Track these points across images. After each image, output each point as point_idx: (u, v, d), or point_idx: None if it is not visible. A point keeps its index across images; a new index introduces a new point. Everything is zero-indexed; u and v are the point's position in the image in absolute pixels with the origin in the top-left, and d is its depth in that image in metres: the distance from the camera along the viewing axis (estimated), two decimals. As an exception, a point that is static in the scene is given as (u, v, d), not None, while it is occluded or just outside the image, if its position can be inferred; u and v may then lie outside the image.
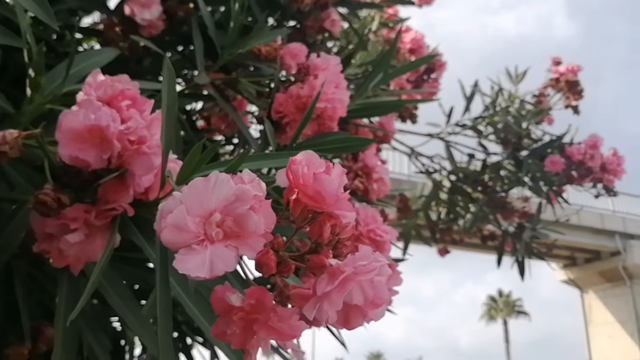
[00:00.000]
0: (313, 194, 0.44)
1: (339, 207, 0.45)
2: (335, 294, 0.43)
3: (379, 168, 0.97)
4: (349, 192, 1.01)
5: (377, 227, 0.86)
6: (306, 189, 0.44)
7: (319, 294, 0.43)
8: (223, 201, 0.43)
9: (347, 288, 0.43)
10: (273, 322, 0.48)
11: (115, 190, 0.61)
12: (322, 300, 0.43)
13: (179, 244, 0.42)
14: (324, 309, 0.43)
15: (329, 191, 0.43)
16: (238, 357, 0.59)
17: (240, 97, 1.45)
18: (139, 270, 0.89)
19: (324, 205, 0.44)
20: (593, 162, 2.28)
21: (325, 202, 0.44)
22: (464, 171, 2.61)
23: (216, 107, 1.68)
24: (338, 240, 0.47)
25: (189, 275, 0.41)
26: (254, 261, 0.43)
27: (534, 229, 2.43)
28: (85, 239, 0.60)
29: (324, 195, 0.43)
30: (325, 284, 0.43)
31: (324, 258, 0.44)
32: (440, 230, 2.83)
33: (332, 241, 0.46)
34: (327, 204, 0.44)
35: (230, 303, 0.48)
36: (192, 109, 1.88)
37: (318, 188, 0.43)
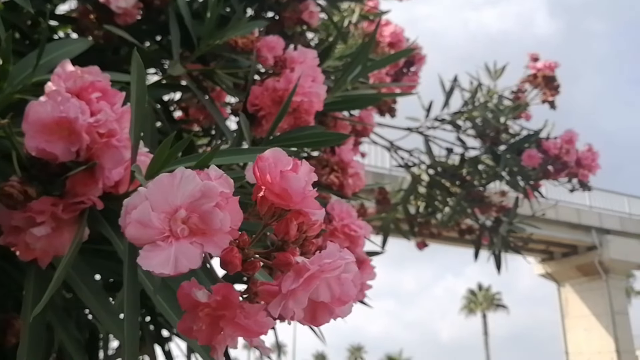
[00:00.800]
0: (279, 192, 0.44)
1: (306, 205, 0.45)
2: (300, 292, 0.43)
3: (354, 163, 0.97)
4: (325, 187, 1.01)
5: (351, 222, 0.86)
6: (273, 186, 0.44)
7: (284, 291, 0.43)
8: (188, 197, 0.43)
9: (312, 286, 0.43)
10: (239, 319, 0.48)
11: (84, 183, 0.60)
12: (287, 297, 0.43)
13: (143, 240, 0.42)
14: (288, 306, 0.43)
15: (295, 189, 0.43)
16: (207, 351, 0.59)
17: (219, 89, 1.44)
18: (111, 263, 0.88)
19: (290, 203, 0.44)
20: (569, 156, 2.31)
21: (291, 200, 0.44)
22: (443, 165, 2.63)
23: (194, 98, 1.66)
24: (305, 237, 0.47)
25: (153, 272, 0.41)
26: (220, 258, 0.43)
27: (511, 223, 2.47)
28: (52, 232, 0.59)
29: (290, 193, 0.43)
30: (290, 281, 0.43)
31: (290, 256, 0.44)
32: (419, 224, 2.85)
33: (299, 239, 0.46)
34: (293, 202, 0.44)
35: (196, 299, 0.47)
36: (169, 99, 1.86)
37: (285, 186, 0.43)
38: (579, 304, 19.57)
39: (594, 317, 18.87)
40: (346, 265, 0.45)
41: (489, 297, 46.24)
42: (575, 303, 19.76)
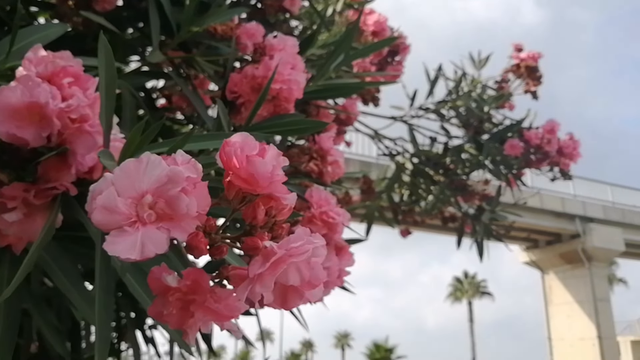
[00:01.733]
0: (246, 177, 0.44)
1: (273, 190, 0.45)
2: (267, 276, 0.43)
3: (334, 151, 0.98)
4: (304, 175, 1.02)
5: (329, 210, 0.87)
6: (239, 171, 0.44)
7: (251, 275, 0.43)
8: (155, 183, 0.43)
9: (279, 270, 0.43)
10: (210, 303, 0.49)
11: (56, 169, 0.60)
12: (254, 281, 0.44)
13: (110, 225, 0.42)
14: (256, 290, 0.43)
15: (262, 174, 0.44)
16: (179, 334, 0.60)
17: (202, 77, 1.43)
18: (89, 250, 0.88)
19: (257, 188, 0.45)
20: (550, 146, 2.34)
21: (258, 185, 0.44)
22: (426, 154, 2.64)
23: (177, 86, 1.65)
24: (274, 222, 0.48)
25: (119, 257, 0.41)
26: (186, 243, 0.43)
27: (493, 211, 2.49)
28: (25, 218, 0.59)
29: (257, 178, 0.44)
30: (258, 265, 0.44)
31: (257, 240, 0.45)
32: (403, 212, 2.87)
33: (268, 223, 0.47)
34: (260, 186, 0.44)
35: (166, 284, 0.48)
36: (153, 87, 1.85)
37: (251, 171, 0.44)
38: (562, 291, 19.89)
39: (577, 304, 19.20)
40: (314, 250, 0.46)
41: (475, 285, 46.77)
42: (558, 290, 20.07)
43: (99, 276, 0.55)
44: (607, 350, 18.06)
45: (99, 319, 0.53)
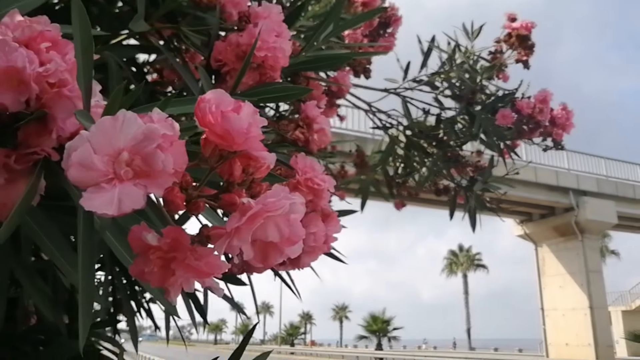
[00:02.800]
0: (221, 133, 0.44)
1: (249, 147, 0.46)
2: (244, 230, 0.44)
3: (320, 119, 0.97)
4: (290, 143, 1.02)
5: (314, 176, 0.87)
6: (214, 127, 0.44)
7: (229, 229, 0.44)
8: (131, 140, 0.43)
9: (255, 223, 0.44)
10: (190, 261, 0.49)
11: (37, 134, 0.60)
12: (231, 235, 0.44)
13: (87, 182, 0.42)
14: (233, 244, 0.44)
15: (237, 130, 0.44)
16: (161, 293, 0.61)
17: (193, 51, 1.42)
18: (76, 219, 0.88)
19: (233, 144, 0.45)
20: (542, 115, 2.34)
21: (234, 141, 0.45)
22: (420, 126, 2.64)
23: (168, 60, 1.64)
24: (252, 180, 0.48)
25: (95, 212, 0.41)
26: (162, 198, 0.43)
27: (486, 181, 2.51)
28: (7, 184, 0.59)
29: (232, 134, 0.44)
30: (235, 220, 0.44)
31: (234, 196, 0.45)
32: (397, 185, 2.88)
33: (245, 181, 0.47)
34: (236, 143, 0.45)
35: (146, 242, 0.48)
36: (143, 61, 1.83)
37: (226, 126, 0.44)
38: (555, 263, 20.15)
39: (569, 276, 19.47)
40: (292, 206, 0.46)
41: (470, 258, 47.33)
42: (551, 262, 20.33)
43: (81, 238, 0.55)
44: (598, 319, 18.40)
45: (83, 281, 0.54)
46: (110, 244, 0.60)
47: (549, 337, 20.16)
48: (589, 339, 18.35)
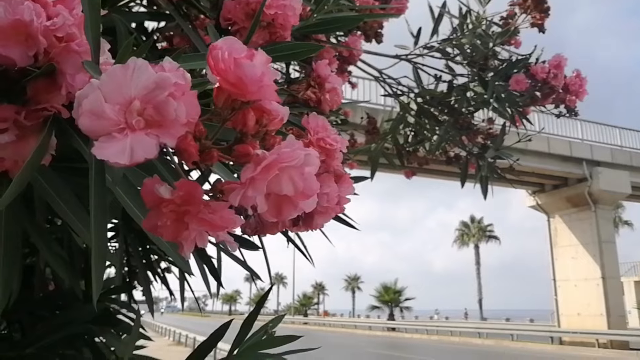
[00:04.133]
0: (234, 80, 0.43)
1: (263, 95, 0.44)
2: (259, 180, 0.43)
3: (332, 78, 0.95)
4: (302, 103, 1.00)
5: (326, 136, 0.85)
6: (227, 74, 0.43)
7: (243, 180, 0.43)
8: (142, 89, 0.42)
9: (270, 174, 0.43)
10: (204, 214, 0.49)
11: (46, 90, 0.59)
12: (246, 186, 0.43)
13: (98, 131, 0.42)
14: (248, 194, 0.43)
15: (250, 77, 0.43)
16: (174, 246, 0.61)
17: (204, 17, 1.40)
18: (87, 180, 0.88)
19: (246, 92, 0.44)
20: (556, 80, 2.29)
21: (247, 89, 0.43)
22: (431, 93, 2.60)
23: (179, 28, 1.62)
24: (266, 132, 0.47)
25: (107, 161, 0.41)
26: (175, 148, 0.43)
27: (498, 149, 2.48)
28: (18, 140, 0.59)
29: (245, 81, 0.43)
30: (250, 171, 0.43)
31: (249, 147, 0.44)
32: (407, 153, 2.86)
33: (259, 132, 0.46)
34: (249, 91, 0.43)
35: (159, 195, 0.48)
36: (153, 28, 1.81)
37: (239, 74, 0.43)
38: (568, 233, 20.09)
39: (582, 246, 19.44)
40: (307, 157, 0.45)
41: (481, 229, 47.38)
42: (564, 233, 20.28)
43: (93, 193, 0.55)
44: (610, 290, 18.42)
45: (96, 235, 0.53)
46: (122, 201, 0.60)
47: (560, 307, 20.25)
48: (601, 309, 18.41)
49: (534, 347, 20.67)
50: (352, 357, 16.01)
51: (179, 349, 16.08)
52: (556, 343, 20.68)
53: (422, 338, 27.21)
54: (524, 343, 21.86)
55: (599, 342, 18.45)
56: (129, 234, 1.54)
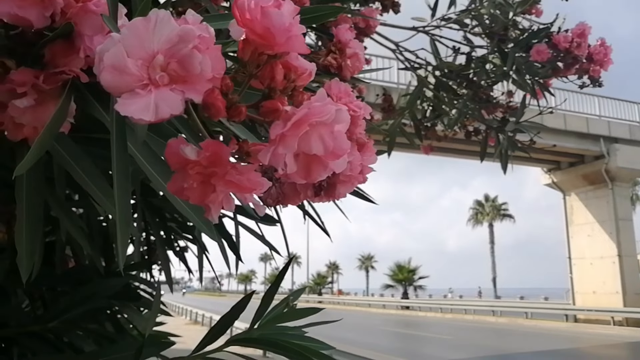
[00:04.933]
0: (262, 31, 0.41)
1: (291, 46, 0.42)
2: (290, 136, 0.41)
3: (353, 43, 0.92)
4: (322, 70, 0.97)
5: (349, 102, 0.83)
6: (254, 25, 0.41)
7: (273, 137, 0.41)
8: (165, 43, 0.40)
9: (301, 130, 0.41)
10: (231, 175, 0.47)
11: (63, 54, 0.57)
12: (276, 143, 0.41)
13: (121, 87, 0.40)
14: (278, 152, 0.41)
15: (278, 27, 0.40)
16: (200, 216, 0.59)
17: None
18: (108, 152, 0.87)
19: (274, 44, 0.41)
20: (580, 50, 2.22)
21: (275, 40, 0.41)
22: (449, 66, 2.55)
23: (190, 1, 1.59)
24: (294, 87, 0.45)
25: (132, 118, 0.39)
26: (201, 104, 0.40)
27: (518, 121, 2.43)
28: (37, 105, 0.57)
29: (273, 32, 0.40)
30: (279, 127, 0.41)
31: (277, 103, 0.42)
32: (425, 128, 2.81)
33: (287, 88, 0.44)
34: (277, 42, 0.41)
35: (185, 157, 0.46)
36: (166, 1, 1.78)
37: (266, 23, 0.40)
38: (584, 211, 19.91)
39: (598, 224, 19.26)
40: (338, 113, 0.43)
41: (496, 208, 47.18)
42: (580, 211, 20.10)
43: (115, 159, 0.53)
44: (626, 267, 18.28)
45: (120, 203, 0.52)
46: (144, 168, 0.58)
47: (575, 285, 20.17)
48: (617, 287, 18.31)
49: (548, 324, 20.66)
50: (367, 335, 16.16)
51: (196, 327, 16.35)
52: (571, 321, 20.65)
53: (436, 316, 27.35)
54: (537, 321, 21.86)
55: (614, 320, 18.38)
56: (147, 211, 1.54)
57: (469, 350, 12.60)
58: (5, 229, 0.86)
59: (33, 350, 1.16)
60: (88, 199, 1.20)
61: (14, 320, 1.14)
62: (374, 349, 11.17)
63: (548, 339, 15.13)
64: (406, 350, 12.41)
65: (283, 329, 1.09)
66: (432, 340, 15.32)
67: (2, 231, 0.84)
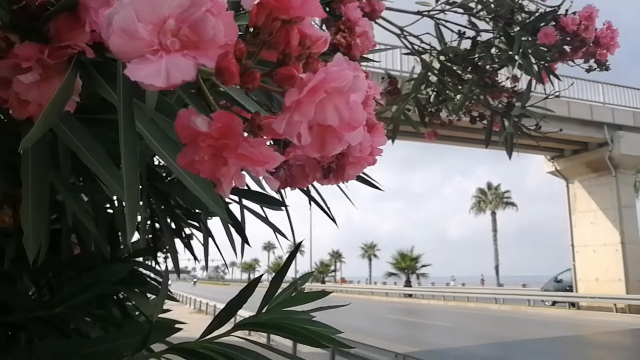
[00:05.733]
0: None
1: (307, 10, 0.40)
2: (306, 103, 0.39)
3: (362, 21, 0.90)
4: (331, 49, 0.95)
5: (359, 81, 0.82)
6: (268, -14, 0.39)
7: (288, 104, 0.40)
8: (177, 7, 0.39)
9: (317, 96, 0.39)
10: (244, 148, 0.45)
11: (69, 27, 0.56)
12: (291, 110, 0.40)
13: (130, 52, 0.38)
14: (294, 119, 0.40)
15: (293, -12, 0.39)
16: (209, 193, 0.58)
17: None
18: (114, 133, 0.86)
19: (289, 7, 0.40)
20: (587, 32, 2.19)
21: (290, 3, 0.39)
22: (454, 51, 2.52)
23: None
24: (309, 54, 0.43)
25: (142, 83, 0.37)
26: (214, 69, 0.39)
27: (524, 106, 2.40)
28: (42, 81, 0.56)
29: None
30: (295, 94, 0.40)
31: (292, 69, 0.41)
32: (430, 114, 2.79)
33: (302, 55, 0.42)
34: (292, 5, 0.39)
35: (196, 128, 0.45)
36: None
37: (281, -16, 0.39)
38: (587, 199, 19.88)
39: (601, 212, 19.23)
40: (355, 80, 0.42)
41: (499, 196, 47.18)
42: (583, 198, 20.07)
43: (123, 135, 0.52)
44: (630, 255, 18.27)
45: (127, 177, 0.51)
46: (151, 145, 0.57)
47: (578, 273, 20.18)
48: (620, 274, 18.32)
49: (550, 312, 20.73)
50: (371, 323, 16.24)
51: (200, 316, 16.44)
52: (573, 308, 20.71)
53: (438, 304, 27.45)
54: (540, 308, 21.93)
55: (617, 307, 18.42)
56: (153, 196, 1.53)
57: (472, 338, 12.65)
58: (11, 212, 0.85)
59: (40, 335, 1.16)
60: (93, 183, 1.19)
61: (21, 306, 1.13)
62: (378, 337, 11.22)
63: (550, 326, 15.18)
64: (410, 338, 12.47)
65: (291, 314, 1.09)
66: (435, 327, 15.38)
67: (8, 215, 0.83)
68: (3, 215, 0.83)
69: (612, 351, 11.04)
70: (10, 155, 0.92)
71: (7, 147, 0.86)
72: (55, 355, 0.96)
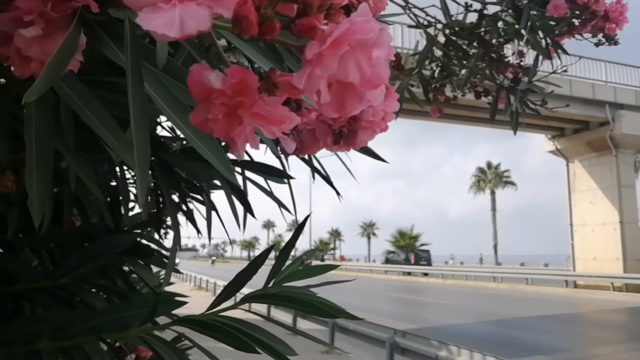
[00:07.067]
0: None
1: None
2: (328, 56, 0.37)
3: (374, -16, 0.87)
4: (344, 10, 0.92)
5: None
6: None
7: (310, 57, 0.37)
8: (191, -49, 0.36)
9: (340, 49, 0.37)
10: (259, 107, 0.43)
11: (72, -19, 0.53)
12: (312, 64, 0.37)
13: (142, 0, 0.36)
14: (315, 73, 0.38)
15: None
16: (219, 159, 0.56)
17: None
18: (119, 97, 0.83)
19: (311, -49, 0.37)
20: (598, 5, 2.15)
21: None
22: (460, 24, 2.47)
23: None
24: (331, 5, 0.41)
25: (155, 33, 0.35)
26: (232, 17, 0.36)
27: (530, 81, 2.37)
28: (45, 36, 0.53)
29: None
30: (316, 46, 0.37)
31: (314, 19, 0.38)
32: (434, 89, 2.75)
33: (323, 5, 0.40)
34: (314, -49, 0.37)
35: (209, 85, 0.42)
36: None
37: None
38: (587, 178, 19.87)
39: (600, 191, 19.24)
40: (381, 33, 0.39)
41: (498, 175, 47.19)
42: (583, 178, 20.06)
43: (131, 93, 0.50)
44: (628, 234, 18.36)
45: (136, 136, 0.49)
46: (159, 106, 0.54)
47: (576, 252, 20.30)
48: (618, 253, 18.43)
49: (548, 290, 20.90)
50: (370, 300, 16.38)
51: (200, 293, 16.58)
52: (570, 287, 20.88)
53: (437, 282, 27.68)
54: (538, 287, 22.11)
55: (614, 286, 18.57)
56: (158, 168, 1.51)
57: (470, 315, 12.78)
58: (14, 177, 0.83)
59: (44, 305, 1.15)
60: (96, 154, 1.17)
61: (25, 276, 1.12)
62: (377, 314, 11.33)
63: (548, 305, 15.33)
64: (409, 315, 12.60)
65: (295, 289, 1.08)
66: (434, 305, 15.53)
67: (10, 180, 0.81)
68: (5, 180, 0.81)
69: (608, 329, 11.16)
70: (12, 120, 0.90)
71: (8, 112, 0.84)
72: (62, 325, 0.95)
